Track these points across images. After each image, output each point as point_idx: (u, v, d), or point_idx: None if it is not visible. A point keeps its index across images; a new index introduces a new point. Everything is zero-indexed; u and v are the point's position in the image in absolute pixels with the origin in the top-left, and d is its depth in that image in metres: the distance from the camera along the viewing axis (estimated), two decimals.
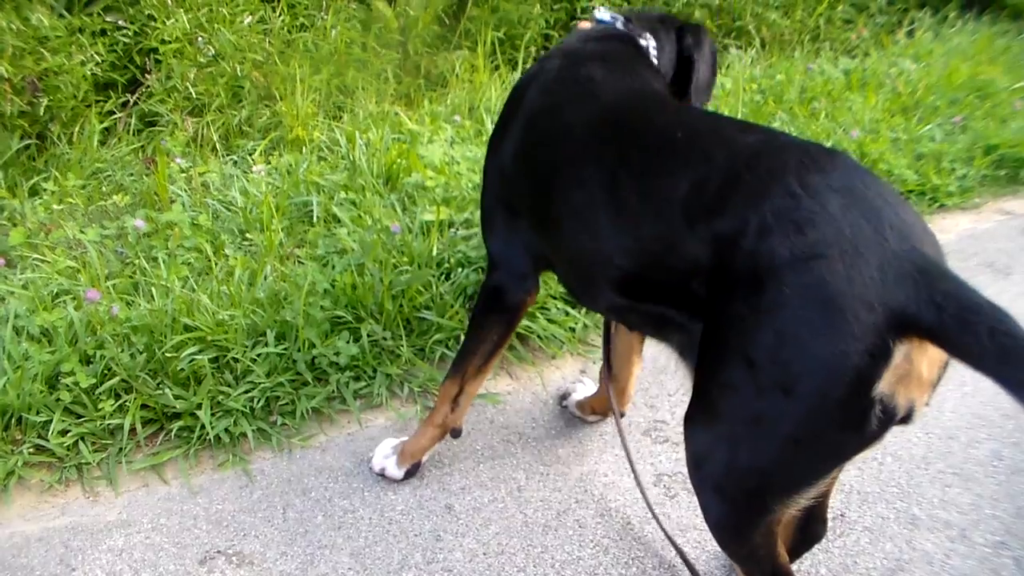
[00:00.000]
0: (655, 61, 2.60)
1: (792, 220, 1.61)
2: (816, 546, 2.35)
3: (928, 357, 1.55)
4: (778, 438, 1.64)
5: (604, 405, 2.96)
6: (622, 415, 2.95)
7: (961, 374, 1.46)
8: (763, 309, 1.60)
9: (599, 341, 3.43)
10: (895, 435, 2.89)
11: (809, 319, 1.54)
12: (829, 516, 2.25)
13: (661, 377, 3.21)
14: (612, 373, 2.85)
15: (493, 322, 2.55)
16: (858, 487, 2.76)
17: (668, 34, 2.71)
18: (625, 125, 2.17)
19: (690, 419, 1.84)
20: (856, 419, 1.57)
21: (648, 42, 2.62)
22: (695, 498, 1.91)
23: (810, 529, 2.21)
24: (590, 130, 2.22)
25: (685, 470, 2.22)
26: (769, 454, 1.68)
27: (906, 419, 1.62)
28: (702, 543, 2.54)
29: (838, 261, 1.53)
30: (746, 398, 1.66)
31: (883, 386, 1.52)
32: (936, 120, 5.70)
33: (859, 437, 1.61)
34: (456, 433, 2.74)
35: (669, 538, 2.48)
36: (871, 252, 1.53)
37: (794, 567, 2.27)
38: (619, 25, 2.64)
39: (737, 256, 1.68)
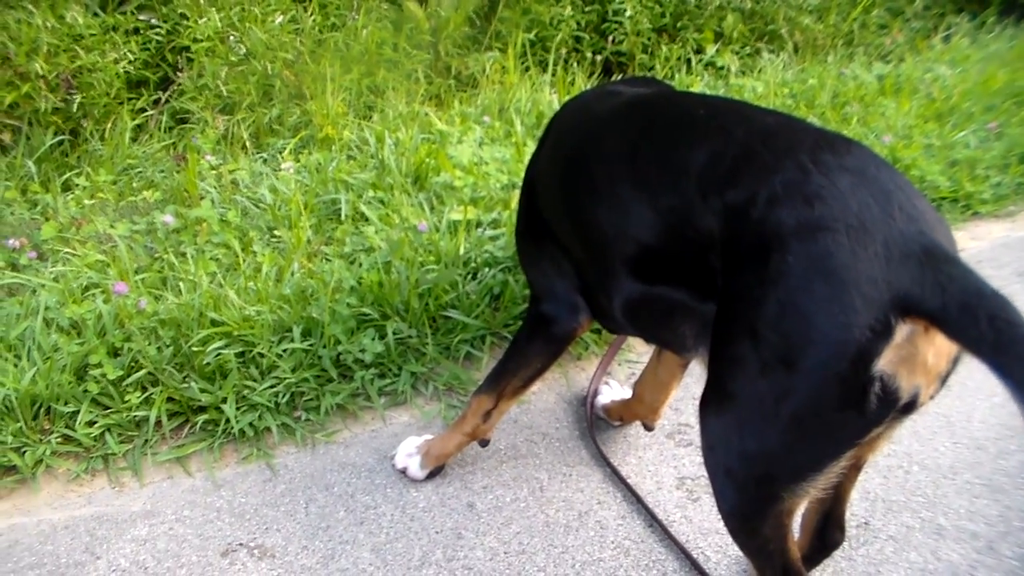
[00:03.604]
0: None
1: (801, 192, 1.60)
2: (839, 554, 2.32)
3: (935, 346, 1.54)
4: (782, 416, 1.63)
5: (630, 413, 2.95)
6: (650, 428, 2.95)
7: (992, 384, 1.44)
8: (767, 279, 1.59)
9: (626, 346, 3.43)
10: (922, 444, 2.90)
11: (812, 289, 1.53)
12: (853, 524, 2.23)
13: (687, 380, 3.18)
14: (642, 397, 2.86)
15: (538, 350, 2.51)
16: (883, 495, 2.73)
17: None
18: (649, 106, 2.21)
19: (704, 403, 1.83)
20: (856, 397, 1.54)
21: None
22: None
23: (828, 534, 2.18)
24: (615, 113, 2.25)
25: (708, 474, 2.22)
26: (775, 435, 1.66)
27: (910, 407, 1.61)
28: (723, 547, 2.53)
29: (843, 235, 1.52)
30: (751, 374, 1.65)
31: (883, 364, 1.50)
32: (971, 127, 5.62)
33: (861, 418, 1.59)
34: (485, 443, 2.74)
35: (672, 538, 2.48)
36: (877, 230, 1.52)
37: (815, 575, 2.26)
38: None
39: (746, 227, 1.67)
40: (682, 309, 1.97)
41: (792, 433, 1.65)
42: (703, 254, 1.82)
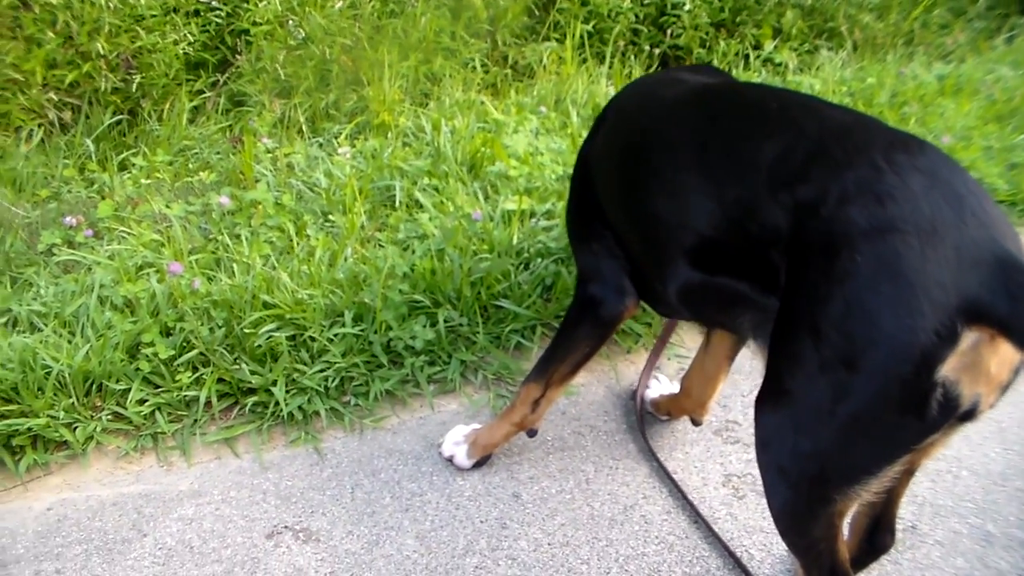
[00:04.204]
0: None
1: (873, 192, 1.58)
2: (885, 557, 2.28)
3: (999, 355, 1.50)
4: (839, 417, 1.61)
5: (678, 407, 2.93)
6: (698, 424, 2.92)
7: None
8: (834, 277, 1.57)
9: (674, 338, 3.42)
10: (972, 449, 2.86)
11: (879, 290, 1.50)
12: (900, 527, 2.20)
13: (736, 377, 3.17)
14: (690, 391, 2.83)
15: (585, 334, 2.49)
16: (931, 500, 2.69)
17: None
18: (718, 96, 2.18)
19: (760, 400, 1.81)
20: (917, 402, 1.52)
21: None
22: (763, 500, 1.88)
23: (877, 538, 2.15)
24: (680, 100, 2.23)
25: (754, 472, 2.20)
26: (830, 435, 1.64)
27: (969, 415, 1.58)
28: (768, 546, 2.50)
29: (914, 237, 1.49)
30: (810, 372, 1.63)
31: (947, 370, 1.48)
32: None
33: (919, 423, 1.57)
34: (532, 432, 2.72)
35: (717, 536, 2.46)
36: (949, 234, 1.49)
37: None
38: None
39: (815, 223, 1.65)
40: (742, 299, 1.95)
41: (849, 435, 1.63)
42: (766, 249, 1.79)
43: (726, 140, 1.96)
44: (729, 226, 1.89)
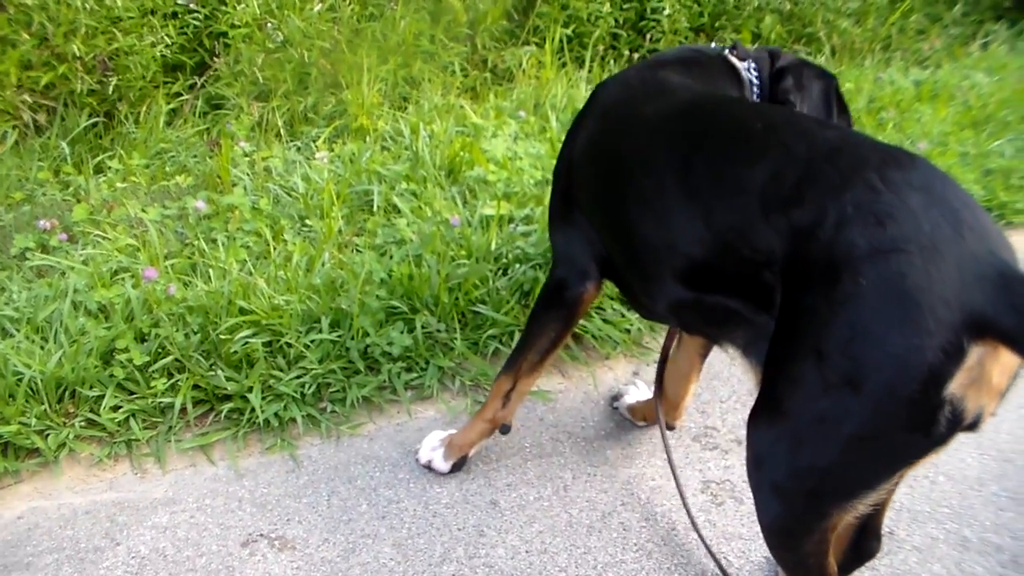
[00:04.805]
0: (752, 88, 2.57)
1: (872, 213, 1.57)
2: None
3: (1000, 364, 1.51)
4: (842, 436, 1.61)
5: (654, 414, 2.91)
6: (672, 428, 2.92)
7: (1021, 397, 1.41)
8: (837, 300, 1.57)
9: (654, 344, 3.42)
10: (949, 455, 2.84)
11: (884, 312, 1.50)
12: None
13: (714, 383, 3.17)
14: (664, 391, 2.82)
15: (551, 318, 2.51)
16: (909, 505, 2.70)
17: (770, 69, 2.63)
18: (701, 114, 2.15)
19: (754, 416, 1.81)
20: (925, 419, 1.53)
21: (746, 67, 2.58)
22: (741, 506, 1.88)
23: (864, 544, 2.15)
24: (664, 118, 2.20)
25: (733, 478, 2.20)
26: (832, 454, 1.65)
27: (972, 426, 1.58)
28: (747, 552, 2.50)
29: (917, 256, 1.49)
30: (812, 393, 1.63)
31: (954, 387, 1.48)
32: (1007, 135, 5.54)
33: (925, 439, 1.58)
34: (505, 429, 2.71)
35: (708, 548, 2.45)
36: (950, 251, 1.50)
37: None
38: (715, 50, 2.61)
39: (814, 247, 1.64)
40: (734, 317, 1.95)
41: (851, 453, 1.63)
42: (760, 270, 1.79)
43: (712, 165, 1.96)
44: (720, 249, 1.90)
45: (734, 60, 2.59)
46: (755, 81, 2.58)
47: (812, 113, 2.55)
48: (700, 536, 2.48)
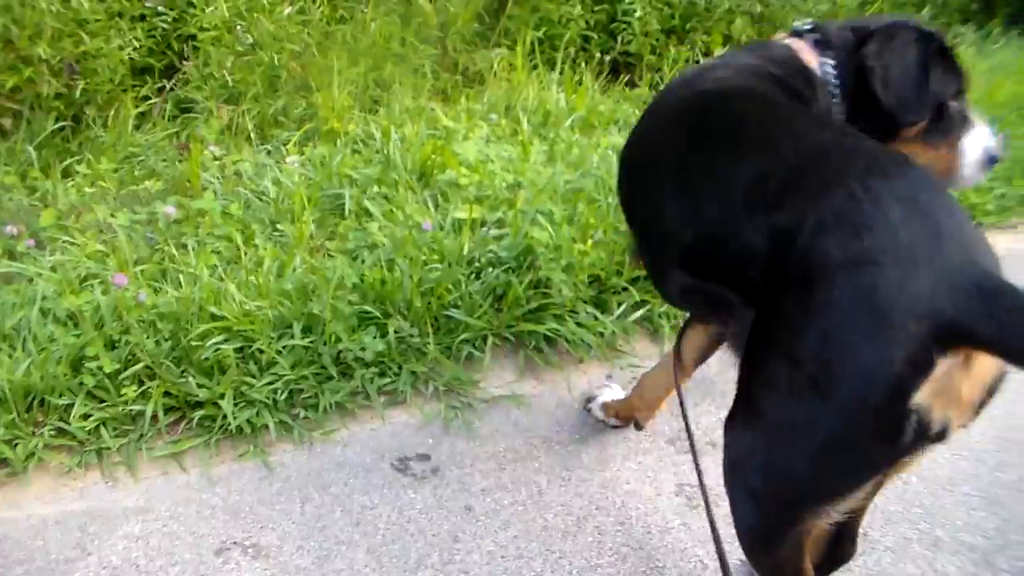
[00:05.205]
0: (829, 79, 2.29)
1: (850, 223, 1.58)
2: None
3: (971, 376, 1.52)
4: (813, 443, 1.63)
5: (628, 412, 2.94)
6: (640, 428, 2.95)
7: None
8: (810, 308, 1.58)
9: (627, 347, 3.44)
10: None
11: (855, 323, 1.51)
12: None
13: (688, 387, 3.16)
14: (641, 386, 2.88)
15: None
16: (882, 506, 2.71)
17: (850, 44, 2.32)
18: (703, 110, 2.15)
19: (730, 419, 1.82)
20: (892, 429, 1.54)
21: (820, 64, 2.29)
22: (716, 509, 1.88)
23: (840, 547, 2.17)
24: (677, 110, 2.24)
25: (708, 481, 2.19)
26: (803, 460, 1.66)
27: (940, 437, 1.59)
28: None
29: (892, 269, 1.50)
30: (784, 398, 1.64)
31: (920, 397, 1.49)
32: None
33: (892, 448, 1.59)
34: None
35: (718, 544, 2.42)
36: (926, 263, 1.50)
37: None
38: (793, 40, 2.36)
39: (791, 252, 1.65)
40: (729, 305, 1.97)
41: (821, 459, 1.64)
42: (744, 266, 1.81)
43: (706, 160, 1.98)
44: (711, 242, 1.93)
45: (806, 57, 2.30)
46: (832, 71, 2.29)
47: (901, 80, 2.24)
48: (718, 546, 2.41)
